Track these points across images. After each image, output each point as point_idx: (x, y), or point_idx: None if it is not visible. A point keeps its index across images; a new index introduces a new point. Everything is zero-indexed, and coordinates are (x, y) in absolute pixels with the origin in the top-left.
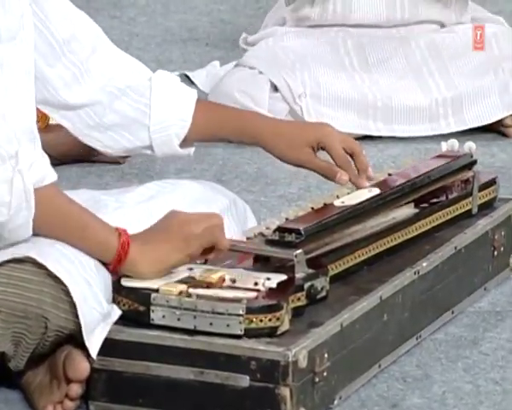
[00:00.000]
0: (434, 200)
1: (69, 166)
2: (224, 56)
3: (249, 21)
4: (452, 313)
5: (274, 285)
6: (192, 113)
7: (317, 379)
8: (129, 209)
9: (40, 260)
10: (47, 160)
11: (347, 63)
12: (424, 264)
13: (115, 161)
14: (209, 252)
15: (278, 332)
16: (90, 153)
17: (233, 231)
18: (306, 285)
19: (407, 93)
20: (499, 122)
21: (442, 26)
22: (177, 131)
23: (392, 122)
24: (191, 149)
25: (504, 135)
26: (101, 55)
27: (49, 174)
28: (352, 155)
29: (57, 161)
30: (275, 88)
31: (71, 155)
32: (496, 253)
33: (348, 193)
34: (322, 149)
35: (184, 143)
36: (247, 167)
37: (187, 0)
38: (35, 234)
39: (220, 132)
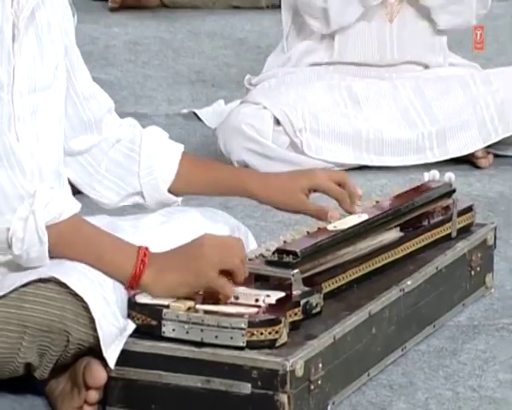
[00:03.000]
0: (418, 224)
1: (84, 197)
2: (228, 96)
3: (251, 65)
4: (434, 326)
5: (273, 302)
6: (178, 160)
7: (312, 387)
8: (143, 233)
9: (63, 280)
10: (67, 194)
11: (342, 102)
12: (408, 282)
13: None
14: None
15: (277, 344)
16: None
17: None
18: (302, 302)
19: (396, 128)
20: (472, 154)
21: (426, 67)
22: (162, 175)
23: (383, 154)
24: (179, 199)
25: (476, 165)
26: (110, 117)
27: (68, 208)
28: (342, 186)
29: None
30: (277, 122)
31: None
32: (473, 272)
33: (340, 218)
34: (315, 191)
35: (175, 193)
36: None
37: (195, 46)
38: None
39: (213, 187)
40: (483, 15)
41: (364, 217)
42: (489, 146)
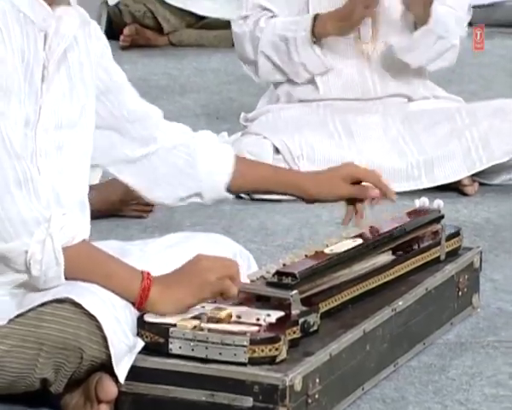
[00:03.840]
0: (409, 248)
1: (100, 221)
2: (231, 128)
3: (252, 99)
4: (424, 344)
5: (273, 321)
6: (232, 162)
7: (310, 401)
8: (151, 257)
9: (78, 300)
10: (81, 221)
11: (336, 134)
12: (400, 303)
13: (139, 215)
14: (221, 296)
15: (277, 360)
16: (117, 210)
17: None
18: (301, 321)
19: (387, 158)
20: (459, 182)
21: (410, 99)
22: (220, 176)
23: None
24: (231, 196)
25: (463, 193)
26: (162, 126)
27: (79, 234)
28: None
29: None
30: (277, 151)
31: (102, 211)
32: (460, 293)
33: (336, 242)
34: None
35: (230, 191)
36: (251, 221)
37: (200, 81)
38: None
39: (265, 184)
40: (463, 52)
41: (359, 241)
42: (475, 174)
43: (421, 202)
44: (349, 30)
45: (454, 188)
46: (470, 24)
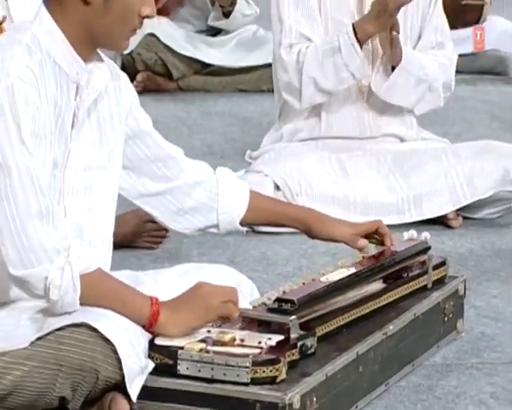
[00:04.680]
0: (398, 277)
1: (114, 252)
2: (235, 166)
3: (254, 139)
4: (413, 365)
5: (274, 344)
6: (248, 198)
7: None
8: (161, 285)
9: (94, 325)
10: (95, 251)
11: (332, 171)
12: (391, 327)
13: (150, 246)
14: (224, 319)
15: (277, 380)
16: (130, 241)
17: (242, 302)
18: (299, 344)
19: (379, 193)
20: (445, 216)
21: (401, 140)
22: (237, 211)
23: (368, 215)
24: (244, 228)
25: (448, 226)
26: (184, 164)
27: (95, 262)
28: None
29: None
30: (277, 187)
31: (116, 242)
32: (446, 319)
33: (331, 271)
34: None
35: (243, 224)
36: (253, 252)
37: (207, 123)
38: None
39: (275, 219)
40: (449, 97)
41: (352, 270)
42: (459, 209)
43: (410, 234)
44: (389, 22)
45: (440, 221)
46: (456, 71)
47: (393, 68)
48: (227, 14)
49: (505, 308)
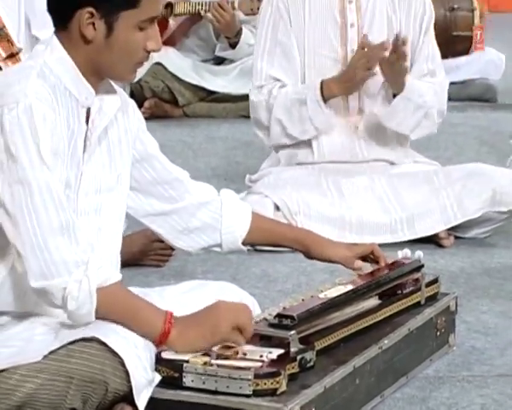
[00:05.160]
0: (393, 293)
1: (123, 270)
2: (238, 188)
3: (256, 162)
4: (407, 377)
5: (275, 357)
6: (250, 219)
7: None
8: (168, 300)
9: (104, 339)
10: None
11: (329, 193)
12: (386, 341)
13: (157, 264)
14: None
15: (278, 392)
16: (138, 259)
17: None
18: (299, 357)
19: (374, 214)
20: (437, 235)
21: (392, 163)
22: (239, 232)
23: (363, 234)
24: (246, 247)
25: (440, 245)
26: (190, 185)
27: (112, 277)
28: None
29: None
30: (277, 208)
31: (124, 260)
32: (438, 333)
33: (329, 288)
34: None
35: (245, 244)
36: (254, 269)
37: (211, 147)
38: (99, 318)
39: (275, 240)
40: (441, 122)
41: (349, 287)
42: (450, 229)
43: (404, 253)
44: (353, 89)
45: (432, 240)
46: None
47: (394, 95)
48: (233, 45)
49: (494, 323)
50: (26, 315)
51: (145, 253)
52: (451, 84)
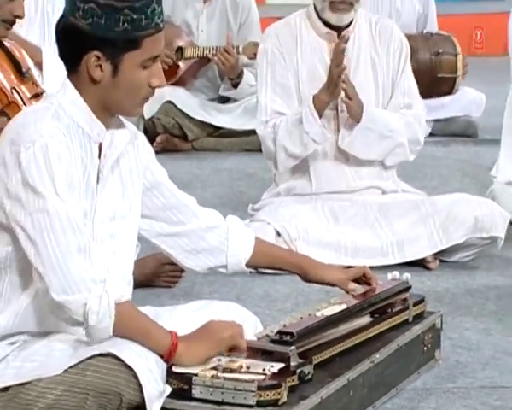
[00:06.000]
0: (383, 312)
1: (136, 290)
2: (241, 215)
3: (258, 192)
4: (396, 389)
5: (276, 371)
6: (253, 243)
7: None
8: (177, 319)
9: (119, 355)
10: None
11: (325, 220)
12: (377, 356)
13: (168, 285)
14: (233, 350)
15: (279, 403)
16: (150, 281)
17: (247, 335)
18: (298, 371)
19: (366, 239)
20: (424, 259)
21: (383, 191)
22: (243, 255)
23: (356, 257)
24: (249, 269)
25: (427, 267)
26: (197, 210)
27: (126, 294)
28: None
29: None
30: (278, 234)
31: (138, 282)
32: (425, 349)
33: (325, 307)
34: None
35: (248, 266)
36: (257, 290)
37: (217, 178)
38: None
39: (276, 263)
40: (419, 151)
41: (344, 306)
42: (437, 253)
43: (393, 275)
44: (336, 90)
45: (420, 263)
46: (432, 134)
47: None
48: (235, 86)
49: (476, 340)
50: (46, 333)
51: (157, 275)
52: (437, 121)
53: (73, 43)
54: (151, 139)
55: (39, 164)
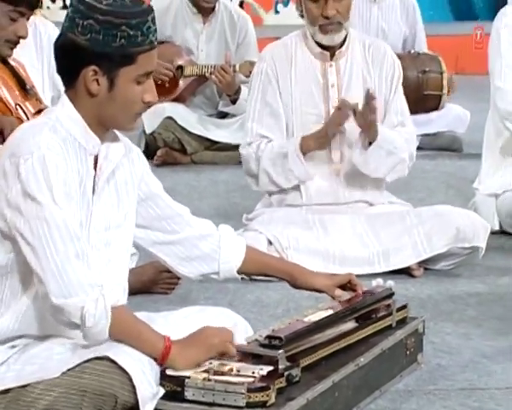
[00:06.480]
0: (368, 317)
1: (135, 296)
2: (236, 225)
3: (252, 203)
4: (380, 391)
5: (265, 373)
6: (244, 251)
7: None
8: (171, 324)
9: (114, 358)
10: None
11: (315, 229)
12: (362, 359)
13: (165, 292)
14: (223, 355)
15: (268, 404)
16: (148, 287)
17: (238, 339)
18: (286, 373)
19: (354, 248)
20: (409, 267)
21: (370, 204)
22: (235, 262)
23: (345, 265)
24: (240, 276)
25: (411, 275)
26: (191, 220)
27: (121, 299)
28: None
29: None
30: (270, 242)
31: (136, 288)
32: (408, 352)
33: (313, 313)
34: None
35: (239, 273)
36: (249, 296)
37: (214, 190)
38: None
39: (266, 270)
40: (412, 168)
41: (330, 312)
42: (421, 261)
43: (377, 282)
44: (326, 144)
45: (405, 271)
46: (420, 148)
47: (370, 143)
48: (234, 102)
49: (457, 344)
50: (45, 337)
51: (154, 282)
52: (424, 135)
53: (72, 58)
54: (152, 153)
55: (37, 174)
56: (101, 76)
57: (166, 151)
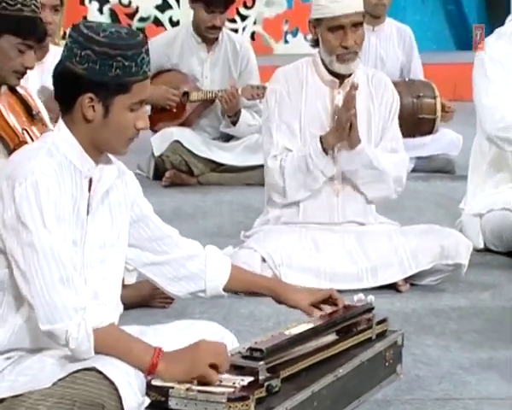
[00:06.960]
0: (348, 330)
1: (134, 310)
2: (236, 243)
3: (252, 221)
4: (359, 401)
5: (245, 384)
6: (229, 270)
7: None
8: (162, 337)
9: (101, 369)
10: (110, 311)
11: (308, 247)
12: (340, 370)
13: (163, 306)
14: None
15: None
16: (147, 301)
17: None
18: (266, 384)
19: (344, 265)
20: (395, 283)
21: (362, 224)
22: (221, 281)
23: (335, 281)
24: (226, 294)
25: (398, 290)
26: (179, 241)
27: (107, 319)
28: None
29: (125, 307)
30: (264, 260)
31: (135, 302)
32: (387, 364)
33: (295, 326)
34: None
35: (225, 290)
36: (243, 310)
37: (218, 210)
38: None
39: (251, 288)
40: (400, 192)
41: (311, 325)
42: (407, 278)
43: (359, 297)
44: (343, 134)
45: (392, 287)
46: (414, 170)
47: None
48: (234, 123)
49: (437, 356)
50: (38, 350)
51: (153, 296)
52: (418, 158)
53: (70, 85)
54: (161, 174)
55: (30, 200)
56: (96, 103)
57: (174, 173)
